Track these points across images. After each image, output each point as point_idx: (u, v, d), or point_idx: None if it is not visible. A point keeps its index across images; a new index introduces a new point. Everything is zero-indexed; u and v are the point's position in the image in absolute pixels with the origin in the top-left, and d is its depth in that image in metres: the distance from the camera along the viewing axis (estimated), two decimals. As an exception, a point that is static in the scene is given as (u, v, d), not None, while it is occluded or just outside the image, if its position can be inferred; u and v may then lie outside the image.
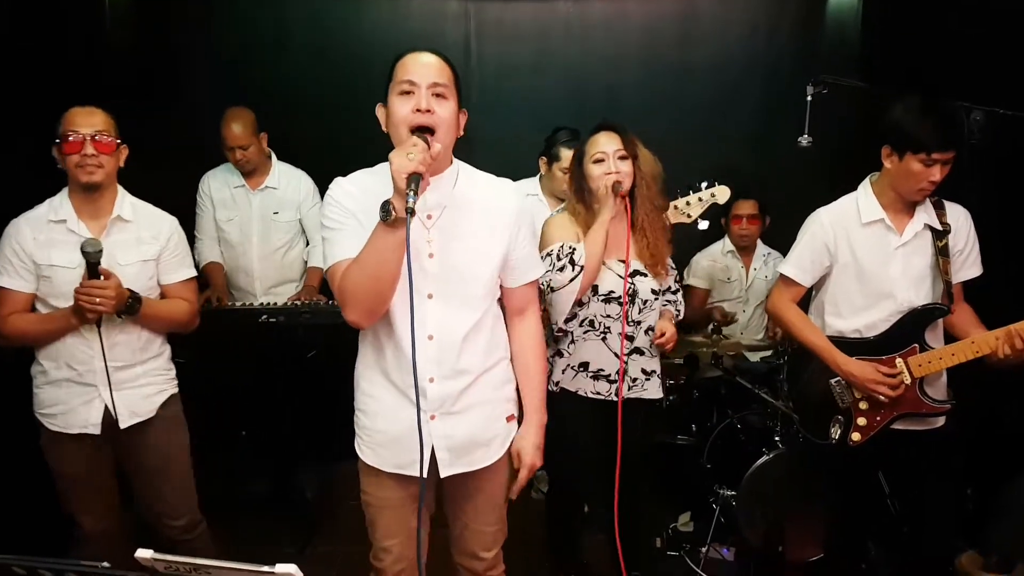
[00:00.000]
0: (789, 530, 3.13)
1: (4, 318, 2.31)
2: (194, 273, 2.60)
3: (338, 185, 1.93)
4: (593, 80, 4.24)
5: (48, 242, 2.31)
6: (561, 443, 2.79)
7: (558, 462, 2.89)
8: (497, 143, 3.86)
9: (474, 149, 4.12)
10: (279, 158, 3.76)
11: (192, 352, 3.53)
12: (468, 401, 1.99)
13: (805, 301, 2.74)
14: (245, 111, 3.52)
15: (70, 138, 2.26)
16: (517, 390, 2.17)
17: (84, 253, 2.19)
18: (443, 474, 2.00)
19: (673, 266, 2.83)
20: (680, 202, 2.81)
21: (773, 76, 4.22)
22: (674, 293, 2.81)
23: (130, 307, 2.30)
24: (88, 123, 2.28)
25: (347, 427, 2.30)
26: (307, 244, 3.82)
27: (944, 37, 3.37)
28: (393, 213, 1.69)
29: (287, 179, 3.70)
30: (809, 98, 2.86)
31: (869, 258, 2.53)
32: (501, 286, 2.09)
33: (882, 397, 2.48)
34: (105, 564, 1.17)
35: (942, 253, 2.48)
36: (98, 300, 2.19)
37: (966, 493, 3.24)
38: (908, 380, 2.50)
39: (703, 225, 2.83)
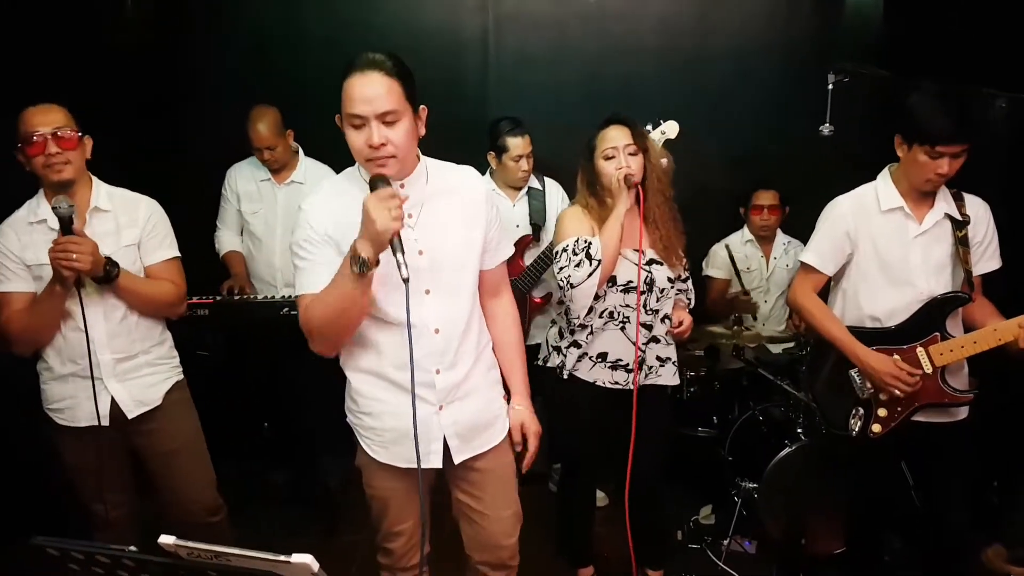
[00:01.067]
0: (811, 523, 3.11)
1: (6, 323, 2.29)
2: (177, 254, 2.54)
3: (313, 208, 1.92)
4: (611, 71, 4.21)
5: (32, 243, 2.30)
6: (575, 434, 2.81)
7: (572, 452, 2.90)
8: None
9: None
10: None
11: (214, 344, 3.59)
12: (469, 387, 2.05)
13: (824, 292, 2.72)
14: (271, 110, 3.51)
15: (32, 139, 2.22)
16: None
17: (55, 210, 2.15)
18: (456, 460, 2.05)
19: (681, 255, 2.79)
20: None
21: (792, 64, 4.15)
22: (684, 282, 2.80)
23: (108, 274, 2.25)
24: (47, 121, 2.23)
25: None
26: None
27: (968, 22, 3.32)
28: (369, 266, 1.71)
29: (312, 174, 3.71)
30: (830, 86, 2.85)
31: (888, 246, 2.52)
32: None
33: (897, 392, 2.47)
34: (132, 548, 1.19)
35: (962, 243, 2.47)
36: (74, 256, 2.13)
37: (991, 486, 3.20)
38: (929, 369, 2.49)
39: (664, 162, 2.81)
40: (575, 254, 2.56)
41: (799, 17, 4.22)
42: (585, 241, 2.57)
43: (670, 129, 2.86)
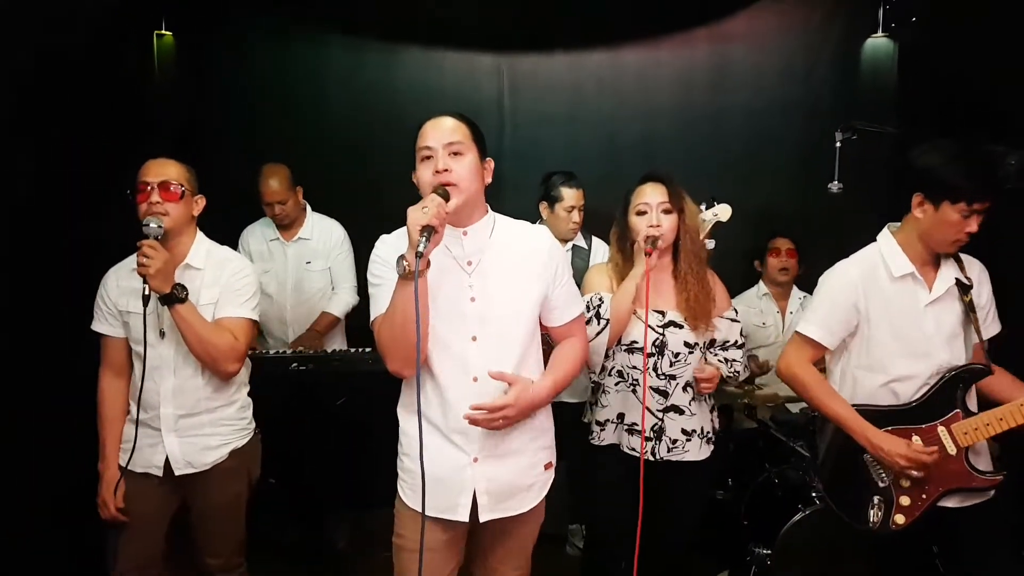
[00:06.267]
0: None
1: (104, 370, 2.49)
2: (250, 316, 2.50)
3: (383, 242, 2.05)
4: (628, 130, 4.26)
5: (129, 289, 2.40)
6: (598, 498, 2.71)
7: (597, 522, 2.80)
8: (532, 195, 3.87)
9: (508, 200, 4.20)
10: (317, 211, 3.86)
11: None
12: (511, 446, 2.04)
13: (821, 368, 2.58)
14: (281, 167, 3.64)
15: (141, 188, 2.36)
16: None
17: (144, 227, 2.28)
18: (483, 519, 2.02)
19: (736, 319, 2.70)
20: None
21: (810, 121, 4.16)
22: (724, 349, 2.67)
23: (174, 294, 2.29)
24: (157, 173, 2.37)
25: (378, 475, 2.27)
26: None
27: (980, 81, 3.31)
28: (405, 267, 1.79)
29: (320, 229, 3.79)
30: (838, 144, 2.85)
31: (901, 315, 2.36)
32: (547, 326, 2.16)
33: (914, 474, 2.30)
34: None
35: (970, 308, 2.34)
36: (144, 260, 2.22)
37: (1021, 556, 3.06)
38: (953, 451, 2.32)
39: (710, 245, 2.81)
40: (587, 310, 2.51)
41: (815, 76, 4.25)
42: (599, 298, 2.54)
43: (723, 212, 2.85)
